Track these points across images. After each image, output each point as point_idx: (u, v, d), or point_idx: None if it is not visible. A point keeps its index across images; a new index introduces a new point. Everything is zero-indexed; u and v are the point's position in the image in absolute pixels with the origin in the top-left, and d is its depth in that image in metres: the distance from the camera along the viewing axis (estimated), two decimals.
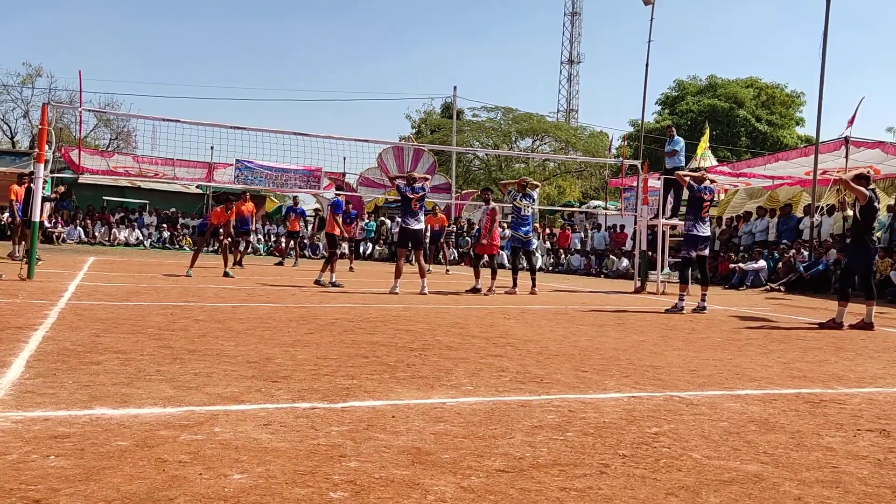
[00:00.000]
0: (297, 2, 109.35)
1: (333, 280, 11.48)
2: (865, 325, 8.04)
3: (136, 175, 26.80)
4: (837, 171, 8.00)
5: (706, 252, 9.91)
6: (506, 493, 2.32)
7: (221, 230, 13.17)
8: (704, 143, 24.41)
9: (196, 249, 13.22)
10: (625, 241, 22.42)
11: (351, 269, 16.83)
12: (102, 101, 42.27)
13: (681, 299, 9.50)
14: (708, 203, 9.86)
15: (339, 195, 14.55)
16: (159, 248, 25.90)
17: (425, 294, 10.40)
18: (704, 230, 9.76)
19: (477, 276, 11.56)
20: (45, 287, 8.81)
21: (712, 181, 10.94)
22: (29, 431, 2.76)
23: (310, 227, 27.05)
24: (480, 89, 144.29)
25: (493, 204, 11.93)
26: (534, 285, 11.95)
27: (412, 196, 10.71)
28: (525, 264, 12.89)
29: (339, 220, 12.57)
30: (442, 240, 20.71)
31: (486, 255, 11.92)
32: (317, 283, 11.33)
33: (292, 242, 20.25)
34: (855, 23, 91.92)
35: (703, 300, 9.57)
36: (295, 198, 21.92)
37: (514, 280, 11.99)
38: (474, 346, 5.52)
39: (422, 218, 10.98)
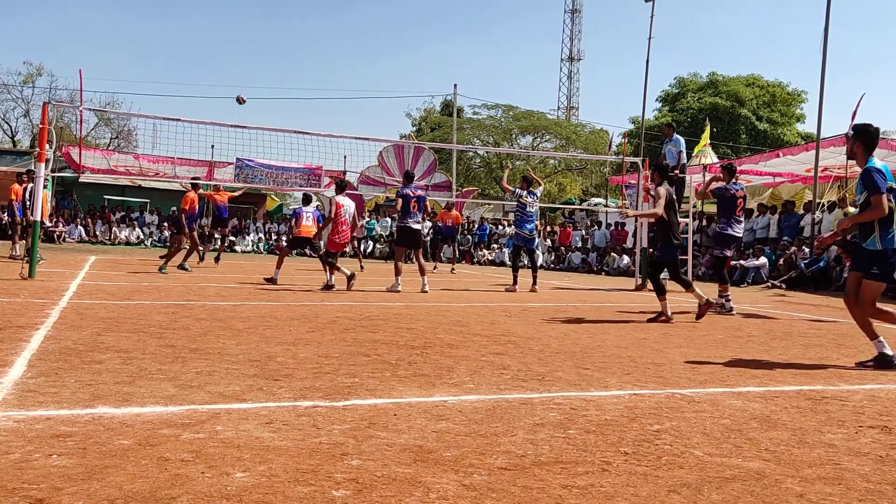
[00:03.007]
0: (297, 1, 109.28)
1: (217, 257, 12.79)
2: (710, 305, 8.01)
3: (136, 174, 26.79)
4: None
5: (731, 252, 9.58)
6: (508, 491, 2.32)
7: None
8: (705, 140, 24.39)
9: (175, 248, 13.38)
10: (626, 239, 22.42)
11: (361, 268, 16.52)
12: (103, 100, 42.29)
13: (727, 300, 9.08)
14: (742, 201, 9.41)
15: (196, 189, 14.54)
16: (161, 247, 25.88)
17: (426, 292, 10.40)
18: (738, 230, 9.38)
19: (331, 271, 10.60)
20: (47, 286, 8.81)
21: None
22: (31, 430, 2.77)
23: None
24: (481, 87, 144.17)
25: (337, 197, 10.92)
26: (534, 283, 11.93)
27: (411, 195, 10.79)
28: (526, 262, 12.82)
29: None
30: (457, 237, 20.46)
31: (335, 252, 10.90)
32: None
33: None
34: (857, 20, 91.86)
35: (721, 297, 9.25)
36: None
37: (515, 278, 11.97)
38: (476, 343, 5.52)
39: (420, 218, 10.96)
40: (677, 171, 13.57)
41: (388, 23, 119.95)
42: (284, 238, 12.03)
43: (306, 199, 12.49)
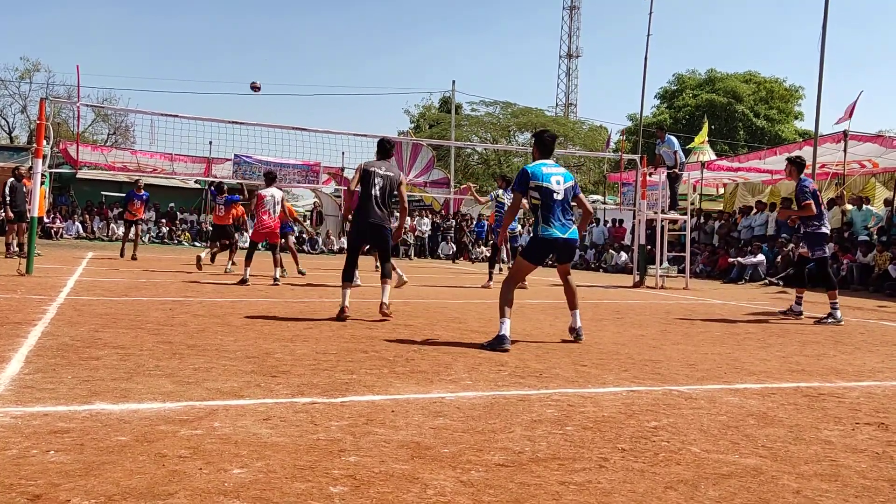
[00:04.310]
0: None
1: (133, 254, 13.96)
2: (386, 312, 6.61)
3: (134, 170, 26.74)
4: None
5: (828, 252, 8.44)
6: (505, 488, 2.33)
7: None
8: (702, 137, 24.41)
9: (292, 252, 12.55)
10: (624, 236, 22.43)
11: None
12: (100, 96, 42.27)
13: (835, 308, 7.84)
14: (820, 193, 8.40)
15: (138, 191, 15.26)
16: (158, 244, 25.87)
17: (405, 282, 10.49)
18: (828, 226, 8.20)
19: (245, 265, 10.43)
20: (44, 282, 8.80)
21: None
22: (28, 427, 2.76)
23: (308, 222, 27.00)
24: (479, 84, 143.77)
25: (261, 189, 11.00)
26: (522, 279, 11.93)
27: None
28: (505, 258, 12.90)
29: (139, 208, 14.26)
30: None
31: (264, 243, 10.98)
32: (131, 256, 13.70)
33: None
34: (855, 18, 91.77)
35: (800, 303, 8.34)
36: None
37: (490, 274, 11.98)
38: (473, 340, 5.52)
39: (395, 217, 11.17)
40: (676, 170, 13.60)
41: (387, 20, 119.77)
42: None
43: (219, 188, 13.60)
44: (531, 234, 5.67)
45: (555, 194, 5.53)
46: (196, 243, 25.66)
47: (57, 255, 15.45)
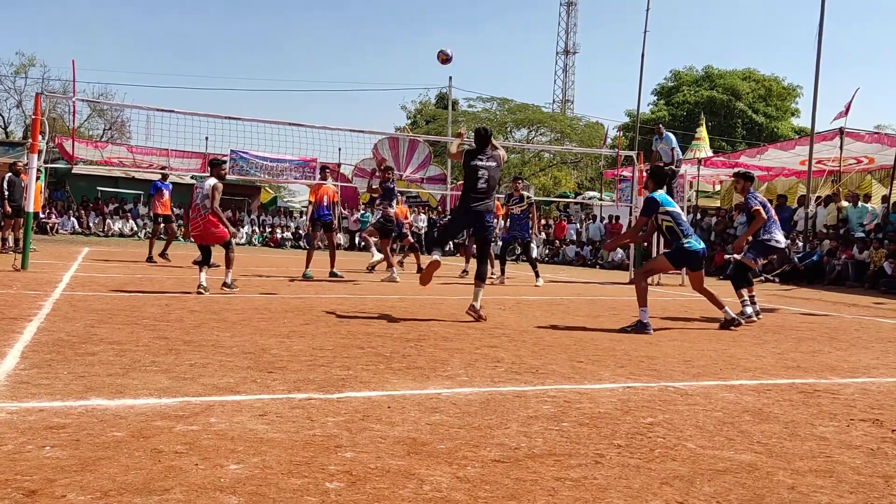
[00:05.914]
0: None
1: (163, 252, 13.17)
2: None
3: (130, 165, 26.67)
4: None
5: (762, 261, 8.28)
6: (501, 483, 2.33)
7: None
8: (703, 135, 24.44)
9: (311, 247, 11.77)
10: (620, 232, 22.45)
11: (401, 263, 14.54)
12: (96, 91, 42.18)
13: (745, 304, 7.55)
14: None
15: (164, 180, 14.22)
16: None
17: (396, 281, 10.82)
18: (781, 239, 7.97)
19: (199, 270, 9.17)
20: (40, 278, 8.78)
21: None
22: (24, 422, 2.76)
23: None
24: (476, 80, 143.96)
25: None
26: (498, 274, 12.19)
27: (393, 188, 11.83)
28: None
29: (167, 201, 13.65)
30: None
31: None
32: (163, 255, 13.02)
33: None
34: (852, 15, 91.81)
35: (755, 303, 7.79)
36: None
37: (502, 270, 12.14)
38: (470, 336, 5.52)
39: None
40: (672, 167, 13.62)
41: (384, 15, 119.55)
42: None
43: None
44: (675, 246, 6.87)
45: (682, 216, 6.88)
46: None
47: (52, 250, 15.40)
